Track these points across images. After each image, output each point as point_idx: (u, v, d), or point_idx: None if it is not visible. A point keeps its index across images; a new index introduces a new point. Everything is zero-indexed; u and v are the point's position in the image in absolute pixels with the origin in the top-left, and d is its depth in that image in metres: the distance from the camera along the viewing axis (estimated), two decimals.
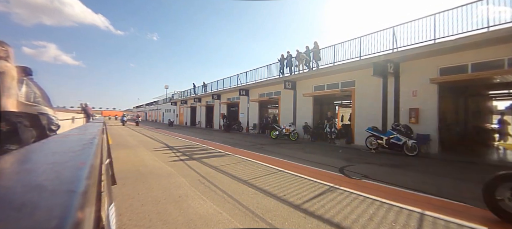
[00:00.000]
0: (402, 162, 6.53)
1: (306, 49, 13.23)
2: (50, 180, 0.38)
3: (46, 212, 0.26)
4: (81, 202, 0.29)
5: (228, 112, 22.10)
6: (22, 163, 0.57)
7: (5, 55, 1.71)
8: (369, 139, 8.67)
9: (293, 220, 2.64)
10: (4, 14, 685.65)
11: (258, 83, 17.31)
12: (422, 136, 8.16)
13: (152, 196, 3.30)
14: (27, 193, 0.32)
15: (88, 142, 0.83)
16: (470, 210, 3.03)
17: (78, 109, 18.24)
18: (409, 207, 3.03)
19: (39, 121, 1.94)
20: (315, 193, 3.58)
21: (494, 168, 6.03)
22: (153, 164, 5.56)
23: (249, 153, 7.47)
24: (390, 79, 9.47)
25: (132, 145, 9.01)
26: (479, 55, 7.43)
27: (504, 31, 6.51)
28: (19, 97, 1.83)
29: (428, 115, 8.39)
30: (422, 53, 8.34)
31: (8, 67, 1.66)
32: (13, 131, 1.66)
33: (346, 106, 15.99)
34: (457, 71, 7.88)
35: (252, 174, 4.69)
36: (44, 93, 2.10)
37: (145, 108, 60.36)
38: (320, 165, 5.82)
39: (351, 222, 2.60)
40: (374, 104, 9.97)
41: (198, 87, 28.96)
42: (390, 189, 3.91)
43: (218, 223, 2.55)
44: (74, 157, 0.60)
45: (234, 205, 3.04)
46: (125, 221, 2.50)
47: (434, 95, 8.28)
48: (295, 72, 14.11)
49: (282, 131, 12.84)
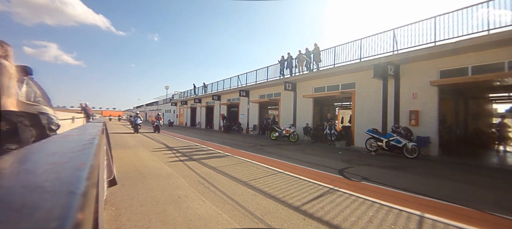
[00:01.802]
0: (402, 164, 6.52)
1: (306, 50, 13.25)
2: (50, 181, 0.38)
3: (46, 213, 0.26)
4: (81, 203, 0.29)
5: (228, 113, 22.10)
6: (22, 163, 0.57)
7: (4, 54, 1.72)
8: (369, 141, 8.66)
9: (293, 221, 2.64)
10: (5, 13, 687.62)
11: (258, 84, 17.31)
12: (422, 138, 8.16)
13: (152, 196, 3.30)
14: (27, 194, 0.32)
15: (88, 142, 0.83)
16: (470, 213, 3.02)
17: (78, 109, 18.24)
18: (409, 209, 3.02)
19: (39, 121, 1.95)
20: (315, 195, 3.58)
21: (494, 171, 6.04)
22: (153, 164, 5.56)
23: (249, 154, 7.47)
24: (390, 81, 9.47)
25: (132, 145, 9.00)
26: (480, 57, 7.44)
27: (504, 34, 6.52)
28: (20, 96, 1.83)
29: (428, 117, 8.39)
30: (422, 56, 8.35)
31: (7, 66, 1.66)
32: (13, 130, 1.66)
33: (346, 108, 15.99)
34: (458, 74, 7.88)
35: (251, 175, 4.68)
36: (44, 93, 2.10)
37: (145, 109, 60.34)
38: (320, 166, 5.82)
39: (350, 224, 2.59)
40: (374, 106, 9.97)
41: (198, 87, 28.97)
42: (389, 191, 3.91)
43: (217, 224, 2.54)
44: (74, 157, 0.60)
45: (234, 206, 3.03)
46: (124, 222, 2.49)
47: (434, 98, 8.29)
48: (295, 73, 14.12)
49: (282, 132, 12.84)
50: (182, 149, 8.38)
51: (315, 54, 12.58)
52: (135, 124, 14.62)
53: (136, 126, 14.61)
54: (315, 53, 12.60)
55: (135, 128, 14.73)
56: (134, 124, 14.75)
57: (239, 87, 19.61)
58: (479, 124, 11.82)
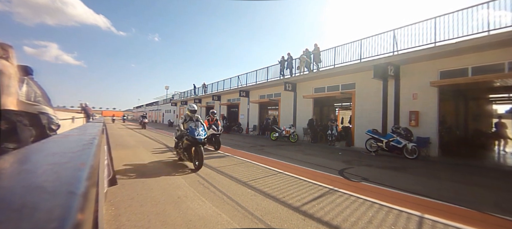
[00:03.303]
0: (402, 165, 6.52)
1: (306, 51, 13.25)
2: (50, 181, 0.38)
3: (46, 213, 0.26)
4: (81, 204, 0.29)
5: (228, 113, 22.11)
6: (22, 163, 0.57)
7: (6, 56, 1.72)
8: (369, 141, 8.66)
9: (292, 222, 2.64)
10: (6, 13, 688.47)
11: (259, 84, 17.32)
12: (422, 139, 8.16)
13: (151, 196, 3.30)
14: (27, 194, 0.32)
15: (88, 142, 0.83)
16: (470, 214, 3.02)
17: (78, 109, 18.23)
18: (409, 210, 3.02)
19: (39, 121, 1.95)
20: (315, 195, 3.57)
21: (494, 171, 6.03)
22: (153, 164, 5.56)
23: (249, 155, 7.46)
24: (390, 81, 9.47)
25: (132, 146, 9.00)
26: (480, 58, 7.44)
27: (504, 35, 6.52)
28: (20, 96, 1.83)
29: (428, 118, 8.39)
30: (422, 56, 8.35)
31: (7, 66, 1.66)
32: (13, 129, 1.66)
33: (346, 108, 15.99)
34: (458, 75, 7.88)
35: (251, 176, 4.68)
36: (44, 93, 2.10)
37: (146, 109, 60.37)
38: (320, 167, 5.81)
39: (350, 224, 2.59)
40: (374, 106, 9.97)
41: (198, 88, 28.98)
42: (389, 191, 3.91)
43: (217, 224, 2.54)
44: (74, 158, 0.60)
45: (234, 207, 3.03)
46: (124, 222, 2.49)
47: (434, 98, 8.29)
48: (295, 74, 14.13)
49: (282, 133, 12.84)
50: None
51: (315, 54, 12.58)
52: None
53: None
54: (315, 53, 12.60)
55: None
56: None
57: (239, 87, 19.61)
58: (479, 125, 11.84)
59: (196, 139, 4.90)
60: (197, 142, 4.93)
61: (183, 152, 5.37)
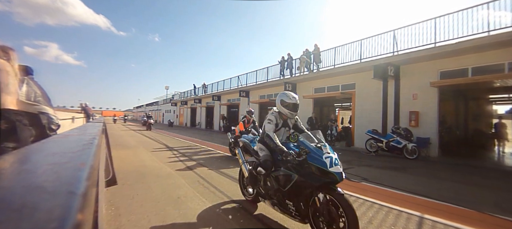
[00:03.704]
0: (402, 165, 6.51)
1: (306, 51, 13.25)
2: (50, 181, 0.38)
3: (46, 213, 0.26)
4: (81, 203, 0.29)
5: (228, 113, 22.08)
6: (22, 163, 0.57)
7: (7, 58, 1.73)
8: (369, 141, 8.66)
9: (292, 222, 2.63)
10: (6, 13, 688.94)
11: (259, 84, 17.31)
12: (422, 139, 8.15)
13: (151, 196, 3.30)
14: (27, 194, 0.32)
15: (88, 142, 0.83)
16: (470, 214, 3.02)
17: (78, 109, 18.23)
18: (409, 210, 3.02)
19: (39, 120, 1.95)
20: None
21: (494, 172, 6.03)
22: (153, 164, 5.56)
23: None
24: (390, 82, 9.47)
25: (132, 146, 9.00)
26: (480, 59, 7.44)
27: (504, 36, 6.52)
28: (20, 96, 1.83)
29: (428, 118, 8.39)
30: (422, 57, 8.35)
31: (7, 66, 1.67)
32: (12, 129, 1.66)
33: (346, 108, 15.98)
34: (458, 75, 7.88)
35: None
36: (44, 93, 2.10)
37: (145, 109, 60.36)
38: None
39: None
40: (374, 106, 9.96)
41: (198, 88, 28.97)
42: (389, 192, 3.90)
43: (217, 224, 2.54)
44: (74, 158, 0.60)
45: (234, 207, 3.03)
46: (123, 222, 2.49)
47: (434, 99, 8.28)
48: (295, 74, 14.12)
49: None
50: (182, 149, 8.37)
51: (315, 54, 12.58)
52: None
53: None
54: (315, 53, 12.60)
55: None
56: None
57: (239, 87, 19.60)
58: (479, 125, 11.83)
59: (328, 172, 2.21)
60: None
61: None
